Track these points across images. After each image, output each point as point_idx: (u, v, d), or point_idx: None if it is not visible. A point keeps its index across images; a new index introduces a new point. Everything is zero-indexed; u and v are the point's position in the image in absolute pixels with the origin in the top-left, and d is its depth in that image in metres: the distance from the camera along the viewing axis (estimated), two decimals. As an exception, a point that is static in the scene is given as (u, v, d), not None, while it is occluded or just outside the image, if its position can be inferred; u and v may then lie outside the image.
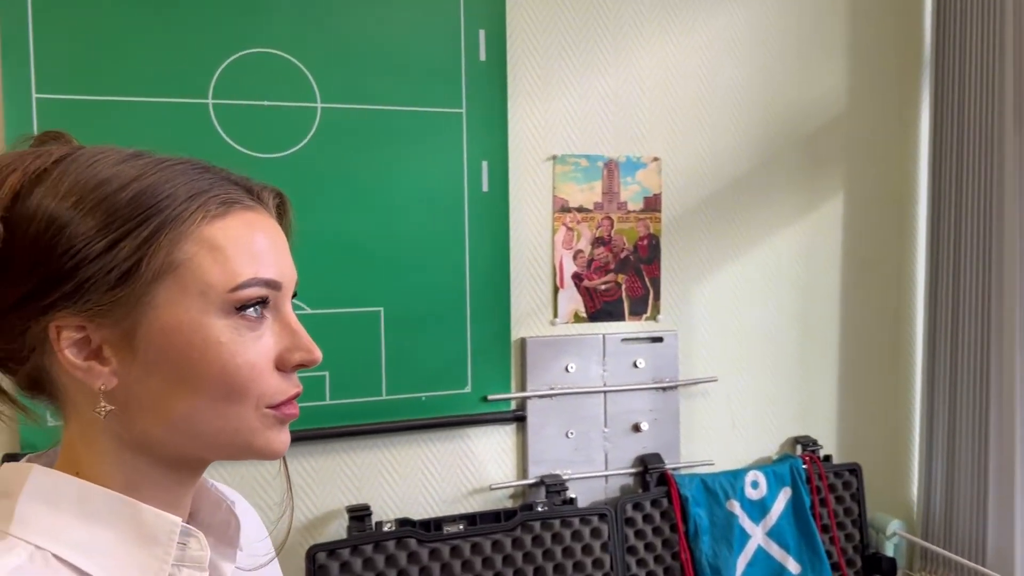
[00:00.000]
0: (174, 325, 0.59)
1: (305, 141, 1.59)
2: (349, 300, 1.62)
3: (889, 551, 1.99)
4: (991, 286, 1.84)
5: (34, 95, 1.43)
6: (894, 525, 2.00)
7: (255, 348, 0.62)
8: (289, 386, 0.64)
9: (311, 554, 1.54)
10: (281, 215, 0.69)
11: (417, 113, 1.66)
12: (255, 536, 0.80)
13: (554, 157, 1.80)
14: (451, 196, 1.69)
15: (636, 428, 1.87)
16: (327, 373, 1.61)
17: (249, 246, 0.62)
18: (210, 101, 1.53)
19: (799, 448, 2.00)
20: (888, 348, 2.12)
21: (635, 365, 1.87)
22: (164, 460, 0.63)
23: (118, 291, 0.58)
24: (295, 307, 1.64)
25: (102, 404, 0.59)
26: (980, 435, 1.86)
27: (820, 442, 2.01)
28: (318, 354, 0.65)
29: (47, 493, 0.60)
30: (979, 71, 1.86)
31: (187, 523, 0.70)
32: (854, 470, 2.00)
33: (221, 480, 0.87)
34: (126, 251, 0.58)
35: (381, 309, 1.64)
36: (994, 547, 1.86)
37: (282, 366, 0.64)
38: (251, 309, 0.61)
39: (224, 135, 1.54)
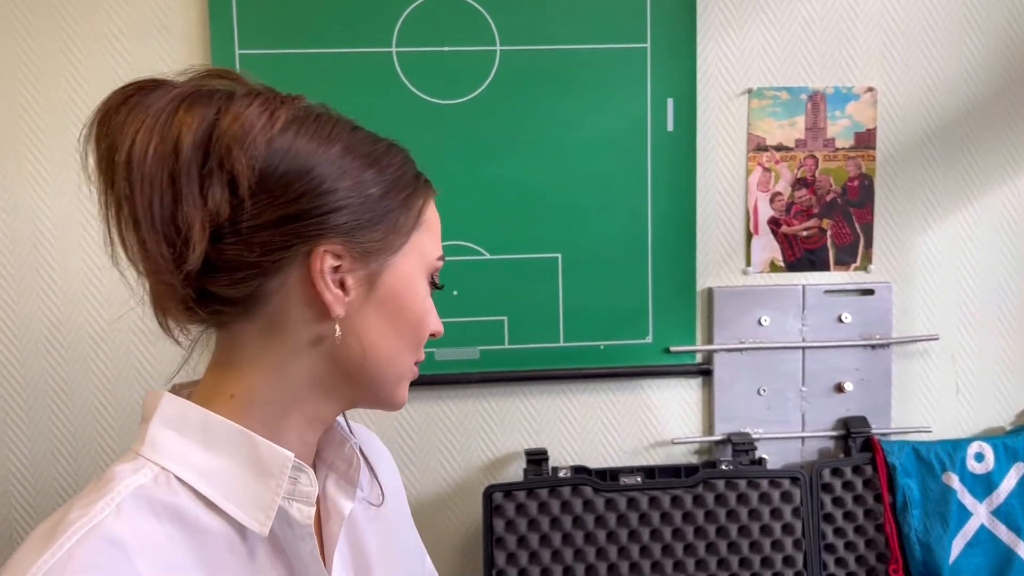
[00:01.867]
0: (406, 276, 0.68)
1: (485, 85, 1.58)
2: (527, 246, 1.61)
3: None
4: None
5: (237, 51, 1.53)
6: None
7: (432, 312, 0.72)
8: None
9: (488, 493, 1.57)
10: None
11: (598, 51, 1.59)
12: (385, 477, 0.81)
13: (749, 91, 1.65)
14: (633, 137, 1.61)
15: (839, 388, 1.71)
16: (506, 318, 1.62)
17: (438, 227, 0.73)
18: (394, 49, 1.56)
19: (1040, 420, 1.74)
20: None
21: (840, 320, 1.71)
22: (330, 399, 0.68)
23: (389, 236, 0.66)
24: (474, 251, 1.65)
25: (336, 329, 0.65)
26: None
27: (1068, 416, 1.73)
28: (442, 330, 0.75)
29: (175, 419, 0.63)
30: None
31: (314, 461, 0.72)
32: (1112, 449, 1.70)
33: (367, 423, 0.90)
34: (396, 201, 0.67)
35: (559, 255, 1.62)
36: None
37: None
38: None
39: (407, 83, 1.57)
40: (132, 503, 0.58)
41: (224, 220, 0.60)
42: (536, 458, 1.62)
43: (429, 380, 1.62)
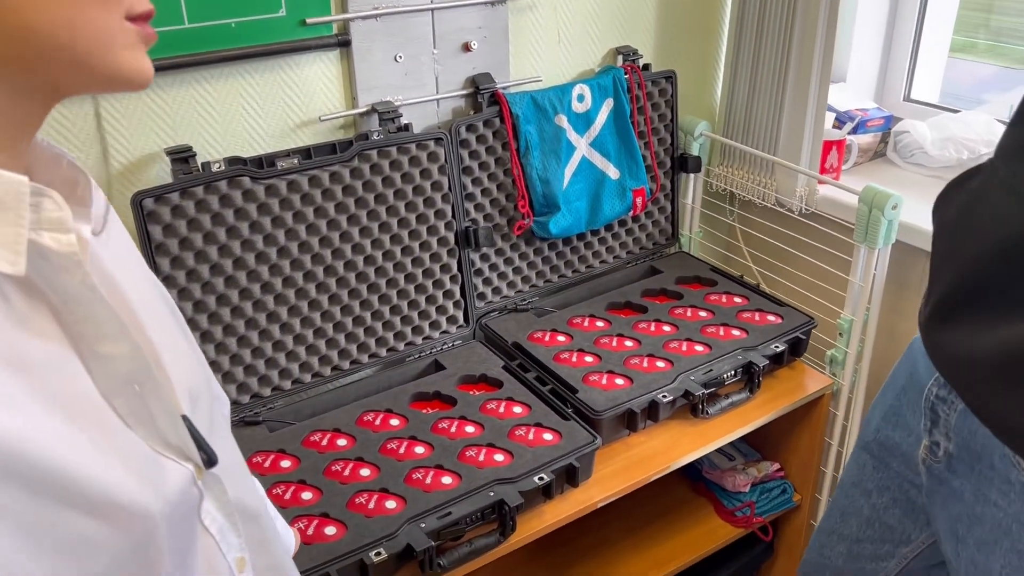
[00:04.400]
0: None
1: None
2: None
3: (695, 150, 2.16)
4: None
5: None
6: (701, 126, 2.14)
7: None
8: None
9: (137, 201, 1.44)
10: None
11: None
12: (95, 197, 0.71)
13: None
14: None
15: (466, 48, 1.79)
16: (113, -1, 1.37)
17: None
18: None
19: (620, 59, 2.02)
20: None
21: (462, -22, 1.73)
22: (25, 92, 0.53)
23: None
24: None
25: None
26: (783, 44, 1.95)
27: (640, 52, 2.04)
28: None
29: None
30: None
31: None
32: (670, 77, 2.07)
33: None
34: None
35: (166, -84, 1.37)
36: (785, 142, 2.06)
37: None
38: None
39: None
40: None
41: None
42: (181, 156, 1.50)
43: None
